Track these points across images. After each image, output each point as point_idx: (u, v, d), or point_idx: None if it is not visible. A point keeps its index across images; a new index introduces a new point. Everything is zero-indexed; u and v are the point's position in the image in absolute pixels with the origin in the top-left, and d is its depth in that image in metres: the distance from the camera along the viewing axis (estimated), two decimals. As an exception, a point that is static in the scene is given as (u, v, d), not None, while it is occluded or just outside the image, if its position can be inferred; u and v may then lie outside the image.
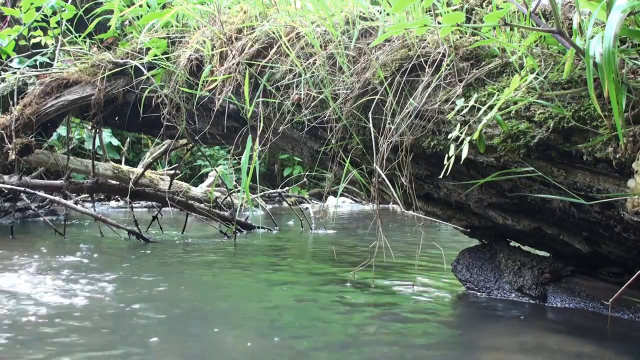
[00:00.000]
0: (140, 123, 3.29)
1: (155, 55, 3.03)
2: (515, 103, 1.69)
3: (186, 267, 2.87)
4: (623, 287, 1.52)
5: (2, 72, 3.89)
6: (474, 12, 2.11)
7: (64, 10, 3.87)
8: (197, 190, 5.99)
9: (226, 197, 5.37)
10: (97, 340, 1.61)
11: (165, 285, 2.40)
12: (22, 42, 4.38)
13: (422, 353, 1.56)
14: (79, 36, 3.71)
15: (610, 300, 1.65)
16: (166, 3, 3.31)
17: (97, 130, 4.02)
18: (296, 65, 2.37)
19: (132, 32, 3.51)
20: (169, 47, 3.09)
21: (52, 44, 4.16)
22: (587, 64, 1.38)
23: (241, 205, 4.72)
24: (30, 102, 3.43)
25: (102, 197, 7.53)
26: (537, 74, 1.68)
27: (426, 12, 2.04)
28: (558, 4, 1.53)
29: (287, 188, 7.20)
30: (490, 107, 1.69)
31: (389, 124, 2.03)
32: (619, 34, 1.30)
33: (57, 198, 4.14)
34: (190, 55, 2.88)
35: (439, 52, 1.97)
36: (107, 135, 8.44)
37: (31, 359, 1.45)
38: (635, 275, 1.47)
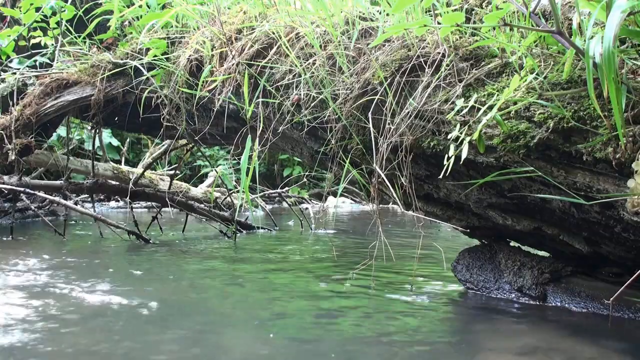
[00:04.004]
0: (140, 123, 3.28)
1: (155, 56, 3.03)
2: (515, 103, 1.69)
3: (186, 267, 2.87)
4: (623, 287, 1.52)
5: (2, 73, 3.89)
6: (473, 12, 2.10)
7: (64, 10, 3.87)
8: (197, 191, 5.99)
9: (226, 198, 5.37)
10: (93, 343, 1.61)
11: (164, 286, 2.40)
12: (22, 43, 4.37)
13: (421, 353, 1.56)
14: (79, 36, 3.71)
15: (611, 299, 1.65)
16: (166, 3, 3.31)
17: (97, 131, 4.01)
18: (296, 66, 2.37)
19: (131, 33, 3.51)
20: (168, 47, 3.09)
21: (52, 45, 4.16)
22: (587, 64, 1.38)
23: (241, 206, 4.72)
24: (30, 102, 3.43)
25: (102, 197, 7.52)
26: (537, 74, 1.68)
27: (426, 12, 2.04)
28: (558, 4, 1.53)
29: (287, 188, 7.20)
30: (490, 107, 1.69)
31: (388, 124, 2.03)
32: (618, 34, 1.30)
33: (57, 198, 4.14)
34: (190, 56, 2.88)
35: (439, 53, 1.97)
36: (106, 136, 8.44)
37: (31, 360, 1.45)
38: (635, 274, 1.47)
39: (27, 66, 3.96)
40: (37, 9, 3.96)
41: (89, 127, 4.79)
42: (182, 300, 2.16)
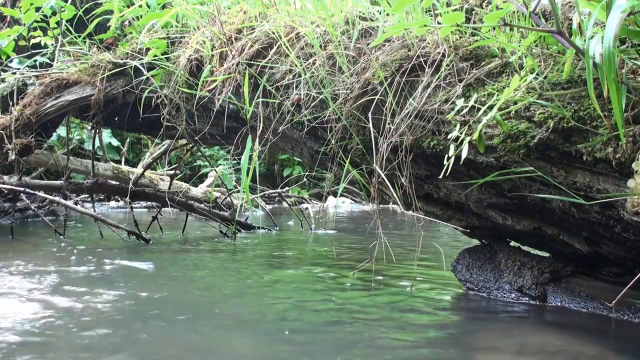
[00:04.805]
0: (140, 123, 3.28)
1: (155, 56, 3.03)
2: (515, 103, 1.69)
3: (186, 267, 2.87)
4: (626, 289, 1.52)
5: (2, 73, 3.89)
6: (473, 12, 2.10)
7: (64, 10, 3.87)
8: (197, 191, 6.00)
9: (226, 197, 5.37)
10: (96, 342, 1.61)
11: (164, 286, 2.40)
12: (22, 43, 4.37)
13: (421, 353, 1.56)
14: (79, 36, 3.71)
15: (613, 302, 1.65)
16: (166, 3, 3.31)
17: (97, 131, 4.02)
18: (296, 66, 2.37)
19: (131, 33, 3.51)
20: (168, 47, 3.09)
21: (52, 44, 4.16)
22: (587, 64, 1.38)
23: (241, 206, 4.72)
24: (30, 102, 3.43)
25: (102, 197, 7.53)
26: (537, 74, 1.68)
27: (426, 12, 2.04)
28: (558, 4, 1.53)
29: (287, 188, 7.20)
30: (490, 107, 1.69)
31: (388, 124, 2.03)
32: (618, 34, 1.30)
33: (57, 198, 4.14)
34: (190, 56, 2.88)
35: (439, 52, 1.96)
36: (106, 136, 8.44)
37: (31, 360, 1.45)
38: (637, 276, 1.47)
39: (27, 66, 3.96)
40: (37, 9, 3.96)
41: (89, 127, 4.79)
42: (184, 300, 2.16)
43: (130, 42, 3.35)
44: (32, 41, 4.30)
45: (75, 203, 5.28)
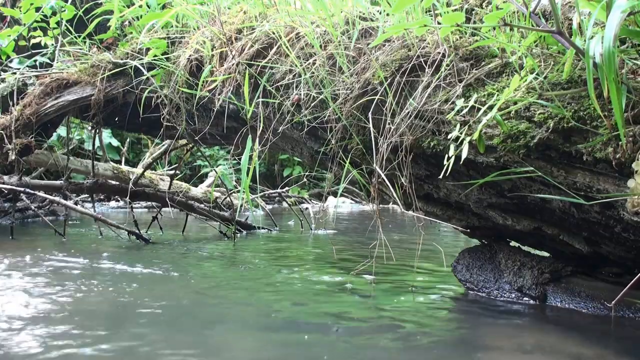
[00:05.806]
0: (140, 123, 3.29)
1: (155, 56, 3.03)
2: (515, 103, 1.69)
3: (186, 267, 2.87)
4: (625, 288, 1.52)
5: (2, 73, 3.89)
6: (473, 12, 2.11)
7: (64, 10, 3.87)
8: (197, 191, 6.00)
9: (226, 198, 5.37)
10: (95, 341, 1.61)
11: (164, 286, 2.40)
12: (22, 43, 4.38)
13: (421, 353, 1.56)
14: (79, 36, 3.71)
15: (613, 302, 1.65)
16: (166, 3, 3.31)
17: (97, 131, 4.02)
18: (296, 66, 2.37)
19: (132, 33, 3.51)
20: (168, 47, 3.09)
21: (52, 45, 4.16)
22: (587, 64, 1.38)
23: (241, 206, 4.72)
24: (30, 102, 3.43)
25: (102, 197, 7.53)
26: (537, 74, 1.68)
27: (426, 12, 2.04)
28: (558, 4, 1.53)
29: (287, 188, 7.20)
30: (490, 107, 1.70)
31: (388, 124, 2.03)
32: (618, 34, 1.30)
33: (57, 198, 4.14)
34: (190, 56, 2.88)
35: (439, 52, 1.97)
36: (106, 136, 8.44)
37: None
38: (637, 276, 1.47)
39: (27, 66, 3.96)
40: (37, 9, 3.96)
41: (89, 127, 4.79)
42: (184, 300, 2.16)
43: (130, 42, 3.36)
44: (32, 41, 4.30)
45: (75, 203, 5.28)
